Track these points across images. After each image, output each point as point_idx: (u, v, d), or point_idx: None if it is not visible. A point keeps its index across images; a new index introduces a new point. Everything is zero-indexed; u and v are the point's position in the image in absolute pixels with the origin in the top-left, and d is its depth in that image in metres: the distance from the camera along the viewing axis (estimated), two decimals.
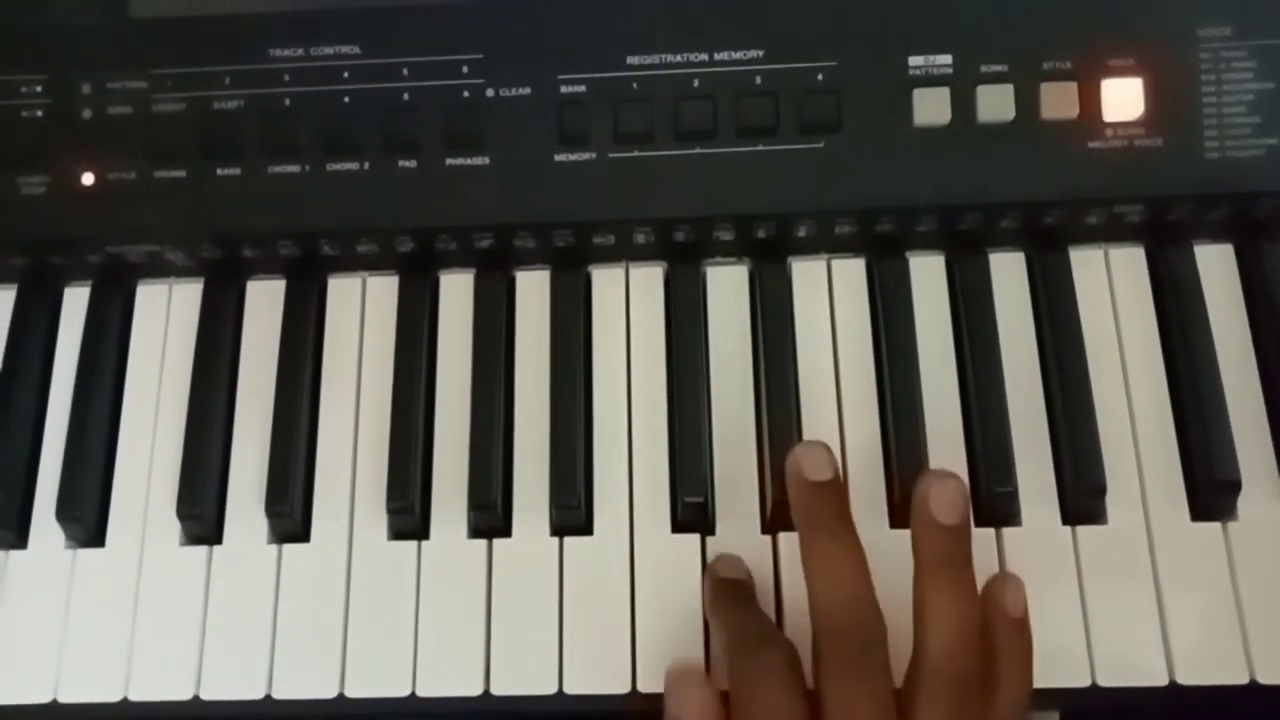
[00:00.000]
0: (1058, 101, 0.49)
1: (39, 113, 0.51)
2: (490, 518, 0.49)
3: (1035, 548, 0.48)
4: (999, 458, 0.48)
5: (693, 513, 0.49)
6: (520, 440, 0.51)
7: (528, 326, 0.52)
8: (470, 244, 0.52)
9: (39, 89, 0.51)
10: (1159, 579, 0.47)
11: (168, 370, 0.53)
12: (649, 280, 0.53)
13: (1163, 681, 0.46)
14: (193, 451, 0.50)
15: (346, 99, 0.51)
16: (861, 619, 0.42)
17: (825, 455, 0.43)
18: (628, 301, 0.53)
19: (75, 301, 0.54)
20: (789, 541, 0.48)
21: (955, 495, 0.42)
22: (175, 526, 0.50)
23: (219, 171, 0.51)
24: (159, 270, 0.53)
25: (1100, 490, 0.48)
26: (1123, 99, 0.49)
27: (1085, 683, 0.46)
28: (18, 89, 0.51)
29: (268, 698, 0.48)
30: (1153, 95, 0.49)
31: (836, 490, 0.44)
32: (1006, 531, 0.48)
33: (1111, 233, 0.51)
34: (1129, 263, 0.52)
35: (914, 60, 0.50)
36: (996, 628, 0.43)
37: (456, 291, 0.53)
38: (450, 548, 0.49)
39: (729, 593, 0.47)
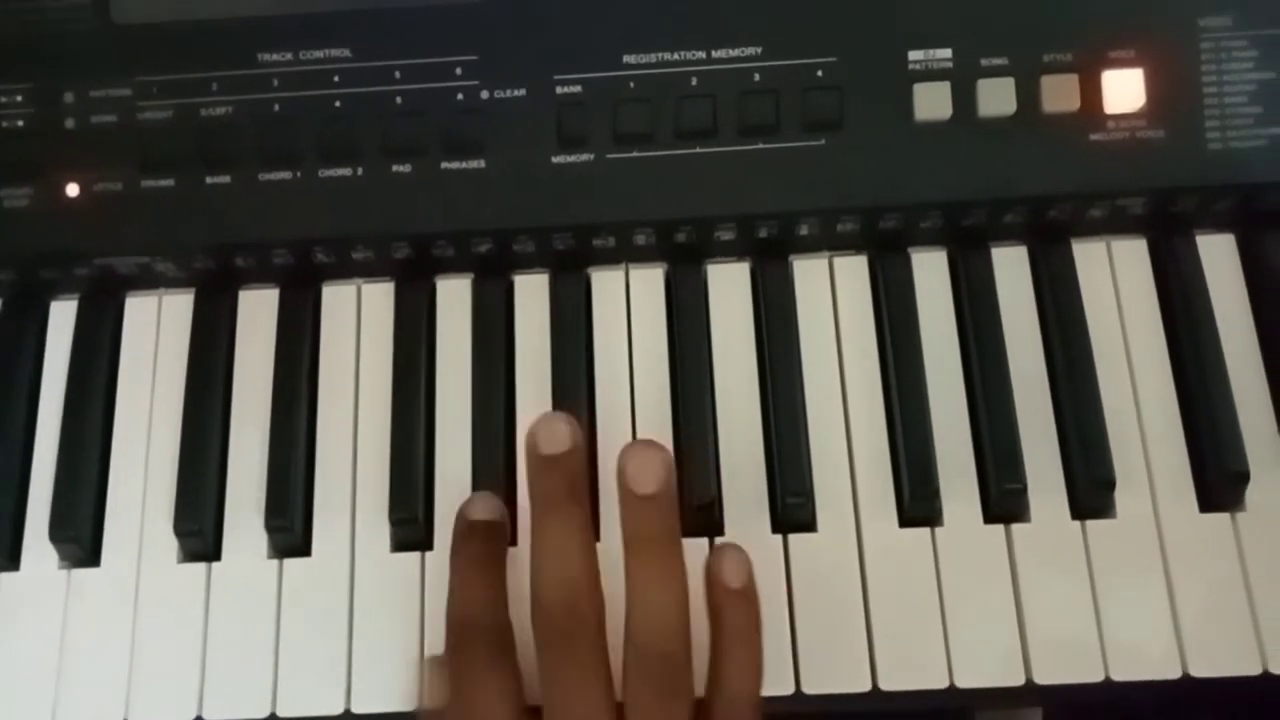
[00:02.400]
0: (1059, 94, 0.49)
1: (20, 122, 0.50)
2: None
3: (1045, 543, 0.48)
4: (1007, 453, 0.48)
5: (702, 515, 0.48)
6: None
7: (527, 331, 0.51)
8: (468, 249, 0.51)
9: (19, 98, 0.50)
10: (1169, 571, 0.47)
11: (160, 384, 0.51)
12: (650, 281, 0.52)
13: (1176, 674, 0.46)
14: (188, 467, 0.49)
15: (338, 103, 0.50)
16: (576, 602, 0.41)
17: (564, 427, 0.41)
18: (628, 303, 0.52)
19: (62, 315, 0.53)
20: (800, 541, 0.48)
21: (654, 465, 0.40)
22: (172, 544, 0.49)
23: (208, 180, 0.50)
24: (148, 281, 0.52)
25: (1109, 484, 0.48)
26: (1124, 91, 0.49)
27: (1099, 677, 0.46)
28: None
29: (272, 716, 0.47)
30: (1154, 86, 0.49)
31: (573, 463, 0.41)
32: (1015, 527, 0.48)
33: (1114, 225, 0.51)
34: (1132, 254, 0.52)
35: (914, 55, 0.50)
36: (717, 601, 0.42)
37: (454, 297, 0.52)
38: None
39: (467, 552, 0.44)
